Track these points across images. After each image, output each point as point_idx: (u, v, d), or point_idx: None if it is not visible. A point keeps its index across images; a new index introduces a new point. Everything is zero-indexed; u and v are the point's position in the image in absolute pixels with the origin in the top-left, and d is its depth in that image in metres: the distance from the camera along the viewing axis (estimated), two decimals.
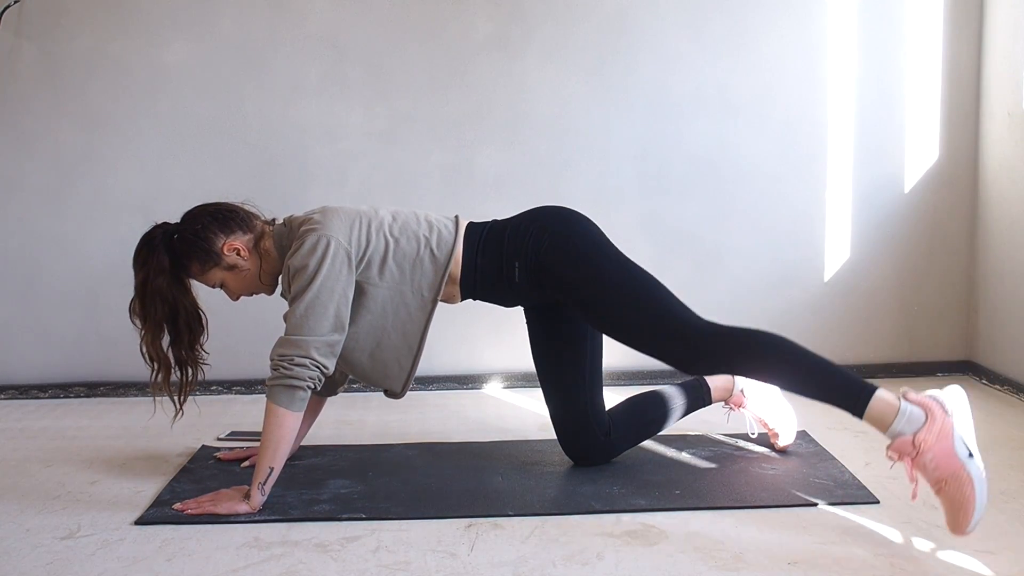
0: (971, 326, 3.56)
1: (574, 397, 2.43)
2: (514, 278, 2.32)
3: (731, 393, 2.58)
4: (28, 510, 2.24)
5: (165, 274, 2.27)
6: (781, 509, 2.18)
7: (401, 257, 2.29)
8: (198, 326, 2.35)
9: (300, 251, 2.22)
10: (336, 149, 3.42)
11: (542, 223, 2.33)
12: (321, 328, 2.19)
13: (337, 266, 2.21)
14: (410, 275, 2.29)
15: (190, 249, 2.28)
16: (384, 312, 2.28)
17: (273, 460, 2.19)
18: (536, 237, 2.31)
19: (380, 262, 2.27)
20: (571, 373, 2.42)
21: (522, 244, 2.31)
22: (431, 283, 2.30)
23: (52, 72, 3.35)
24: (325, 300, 2.19)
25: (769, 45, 3.45)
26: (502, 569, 1.89)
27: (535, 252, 2.29)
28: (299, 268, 2.21)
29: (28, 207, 3.39)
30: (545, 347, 2.46)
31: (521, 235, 2.32)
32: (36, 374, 3.44)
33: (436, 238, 2.32)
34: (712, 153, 3.48)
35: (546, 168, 3.44)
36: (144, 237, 2.31)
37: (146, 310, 2.28)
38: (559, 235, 2.31)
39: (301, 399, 2.19)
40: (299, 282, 2.21)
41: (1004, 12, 3.31)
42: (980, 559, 1.89)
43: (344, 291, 2.22)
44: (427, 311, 2.30)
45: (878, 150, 3.49)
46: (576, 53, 3.42)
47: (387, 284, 2.28)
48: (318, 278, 2.19)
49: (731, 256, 3.50)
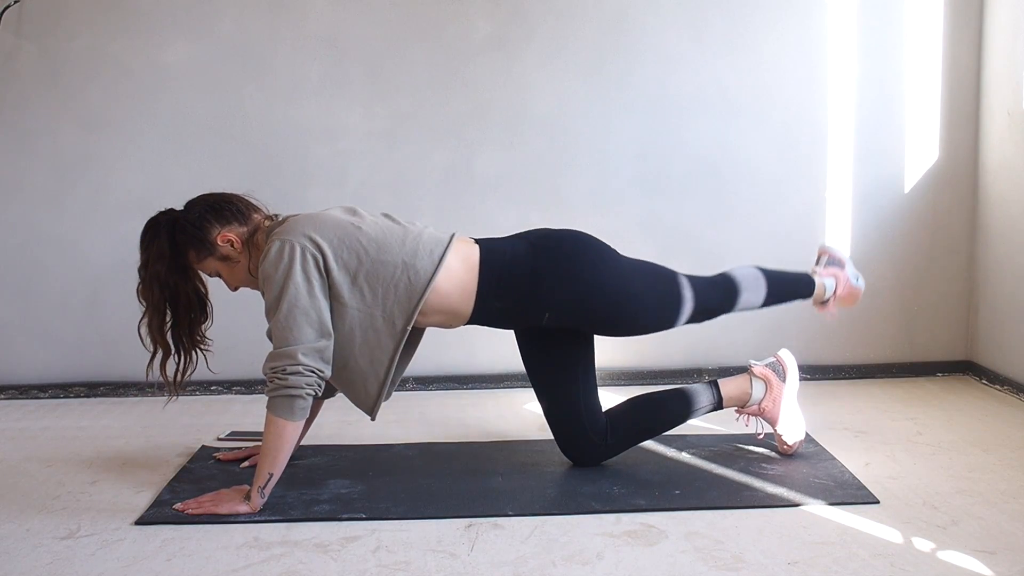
0: (971, 326, 3.56)
1: (568, 405, 2.42)
2: (542, 321, 2.34)
3: (745, 404, 2.52)
4: (28, 510, 2.24)
5: (165, 260, 2.27)
6: (781, 509, 2.18)
7: (374, 278, 2.22)
8: (199, 312, 2.35)
9: (267, 258, 2.19)
10: (336, 149, 3.42)
11: (567, 267, 2.30)
12: (305, 335, 2.17)
13: (307, 271, 2.17)
14: (382, 298, 2.23)
15: (187, 237, 2.28)
16: (351, 334, 2.23)
17: (273, 467, 2.19)
18: (567, 288, 2.29)
19: (351, 278, 2.21)
20: (563, 383, 2.41)
21: (551, 294, 2.29)
22: (404, 310, 2.23)
23: (52, 72, 3.35)
24: (304, 306, 2.17)
25: (769, 45, 3.45)
26: (502, 569, 1.89)
27: (569, 304, 2.30)
28: (266, 277, 2.19)
29: (28, 207, 3.39)
30: (538, 360, 2.46)
31: (548, 282, 2.29)
32: (36, 374, 3.44)
33: (417, 264, 2.23)
34: (712, 153, 3.48)
35: (546, 168, 3.44)
36: (149, 221, 2.32)
37: (147, 294, 2.29)
38: (589, 282, 2.30)
39: (301, 408, 2.18)
40: (270, 292, 2.19)
41: (1004, 12, 3.31)
42: (980, 559, 1.89)
43: (320, 294, 2.19)
44: (396, 339, 2.23)
45: (878, 150, 3.49)
46: (576, 53, 3.42)
47: (356, 304, 2.22)
48: (288, 287, 2.16)
49: (731, 256, 3.49)
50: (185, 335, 2.34)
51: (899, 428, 2.84)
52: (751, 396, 2.51)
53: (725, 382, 2.52)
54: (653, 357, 3.48)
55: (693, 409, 2.47)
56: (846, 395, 3.28)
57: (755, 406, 2.52)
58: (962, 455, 2.56)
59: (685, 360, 3.51)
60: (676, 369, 3.50)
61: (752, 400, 2.51)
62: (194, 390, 3.37)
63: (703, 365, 3.51)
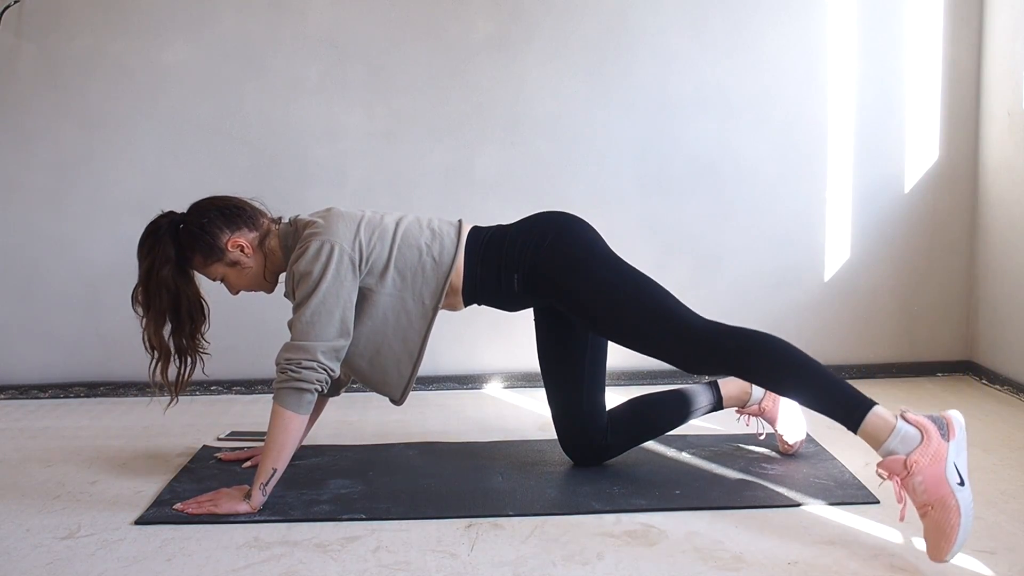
0: (971, 326, 3.56)
1: (571, 397, 2.42)
2: (513, 287, 2.33)
3: (745, 404, 2.52)
4: (28, 510, 2.24)
5: (170, 264, 2.27)
6: (781, 509, 2.18)
7: (403, 264, 2.28)
8: (200, 316, 2.36)
9: (304, 256, 2.22)
10: (336, 149, 3.42)
11: (539, 231, 2.33)
12: (327, 333, 2.20)
13: (342, 272, 2.21)
14: (411, 282, 2.29)
15: (194, 242, 2.28)
16: (385, 319, 2.28)
17: (276, 462, 2.19)
18: (533, 248, 2.30)
19: (382, 269, 2.27)
20: (569, 373, 2.42)
21: (520, 255, 2.31)
22: (432, 291, 2.30)
23: (52, 72, 3.35)
24: (331, 306, 2.20)
25: (769, 45, 3.45)
26: (502, 569, 1.89)
27: (532, 263, 2.29)
28: (304, 274, 2.22)
29: (28, 207, 3.39)
30: (548, 346, 2.46)
31: (519, 246, 2.32)
32: (36, 374, 3.44)
33: (438, 246, 2.31)
34: (712, 153, 3.48)
35: (546, 168, 3.44)
36: (150, 226, 2.31)
37: (149, 299, 2.28)
38: (554, 244, 2.30)
39: (308, 402, 2.19)
40: (304, 288, 2.21)
41: (1004, 12, 3.31)
42: (980, 559, 1.89)
43: (348, 296, 2.23)
44: (428, 319, 2.30)
45: (878, 150, 3.49)
46: (576, 53, 3.42)
47: (389, 291, 2.28)
48: (323, 284, 2.20)
49: (731, 256, 3.50)
50: (186, 339, 2.34)
51: None
52: (751, 396, 2.51)
53: (725, 382, 2.52)
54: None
55: (693, 409, 2.47)
56: None
57: (755, 406, 2.52)
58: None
59: None
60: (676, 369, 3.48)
61: (752, 400, 2.51)
62: (194, 390, 3.37)
63: None
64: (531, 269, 2.29)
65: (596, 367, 2.44)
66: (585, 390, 2.42)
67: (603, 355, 2.46)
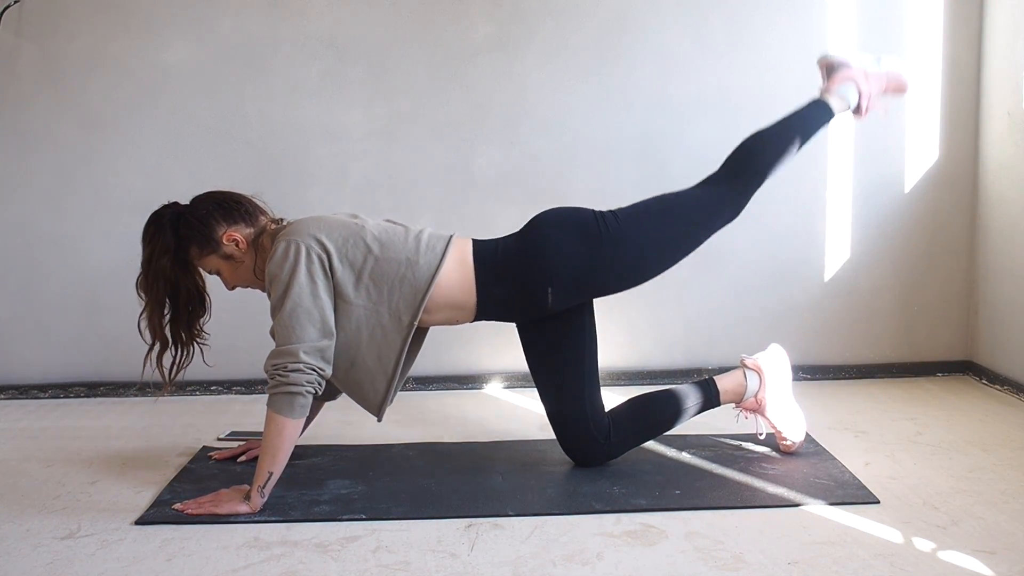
0: (971, 326, 3.56)
1: (574, 401, 2.41)
2: (547, 302, 2.32)
3: (742, 397, 2.52)
4: (28, 510, 2.24)
5: (169, 254, 2.28)
6: (781, 509, 2.18)
7: (379, 275, 2.26)
8: (199, 306, 2.37)
9: (273, 258, 2.23)
10: (336, 149, 3.42)
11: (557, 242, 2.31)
12: (308, 335, 2.19)
13: (312, 271, 2.20)
14: (388, 295, 2.26)
15: (191, 233, 2.30)
16: (359, 332, 2.26)
17: (272, 466, 2.19)
18: (565, 258, 2.29)
19: (356, 277, 2.25)
20: (570, 377, 2.41)
21: (550, 268, 2.29)
22: (409, 306, 2.26)
23: (52, 72, 3.35)
24: (307, 305, 2.19)
25: (769, 45, 3.45)
26: (502, 569, 1.89)
27: (572, 274, 2.30)
28: (272, 276, 2.22)
29: (28, 207, 3.39)
30: (543, 355, 2.45)
31: (543, 258, 2.30)
32: (36, 374, 3.44)
33: (420, 260, 2.27)
34: (712, 153, 3.45)
35: (546, 168, 3.44)
36: (153, 215, 2.33)
37: (149, 287, 2.30)
38: (586, 252, 2.30)
39: (301, 405, 2.19)
40: (275, 291, 2.22)
41: (1004, 12, 3.31)
42: (980, 559, 1.89)
43: (324, 295, 2.22)
44: (403, 335, 2.26)
45: (878, 150, 3.49)
46: (576, 53, 3.42)
47: (363, 302, 2.25)
48: (293, 285, 2.19)
49: (731, 256, 3.50)
50: (183, 328, 2.36)
51: (899, 428, 2.84)
52: (747, 388, 2.52)
53: (720, 378, 2.53)
54: (653, 357, 3.48)
55: (691, 406, 2.49)
56: (846, 395, 3.28)
57: (752, 398, 2.53)
58: (962, 455, 2.56)
59: (685, 360, 3.51)
60: (676, 369, 3.50)
61: (748, 392, 2.52)
62: (194, 390, 3.37)
63: (703, 365, 3.50)
64: (570, 279, 2.31)
65: (593, 368, 2.44)
66: (586, 392, 2.42)
67: (596, 354, 2.46)
